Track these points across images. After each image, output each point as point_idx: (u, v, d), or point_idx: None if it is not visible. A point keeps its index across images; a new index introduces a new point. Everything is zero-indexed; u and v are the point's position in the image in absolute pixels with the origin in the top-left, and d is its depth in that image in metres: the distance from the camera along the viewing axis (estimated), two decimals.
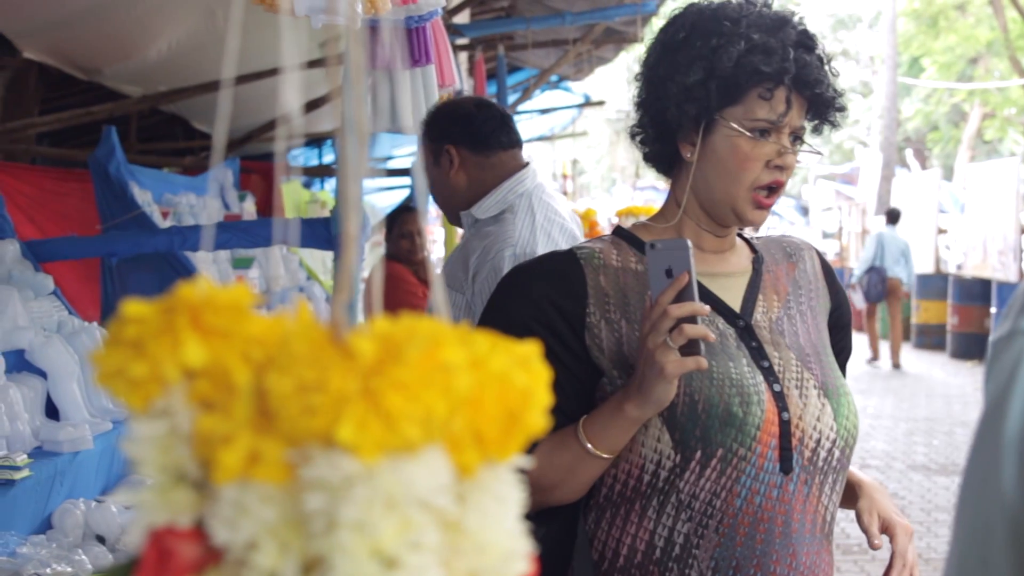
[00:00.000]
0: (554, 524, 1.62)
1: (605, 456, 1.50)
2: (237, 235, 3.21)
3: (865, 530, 1.64)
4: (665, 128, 1.62)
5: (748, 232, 1.79)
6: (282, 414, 0.41)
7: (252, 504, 0.42)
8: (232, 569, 0.44)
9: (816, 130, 1.65)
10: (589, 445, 1.49)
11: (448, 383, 0.41)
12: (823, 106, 1.59)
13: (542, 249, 2.45)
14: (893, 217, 13.51)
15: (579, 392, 1.57)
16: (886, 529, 1.63)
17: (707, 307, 1.44)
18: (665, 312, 1.40)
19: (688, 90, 1.56)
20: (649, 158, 1.70)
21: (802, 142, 1.61)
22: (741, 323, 1.60)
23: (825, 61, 1.59)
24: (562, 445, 1.51)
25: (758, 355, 1.58)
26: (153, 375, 0.42)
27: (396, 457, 0.41)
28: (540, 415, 0.47)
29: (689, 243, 1.45)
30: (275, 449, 0.41)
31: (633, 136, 1.70)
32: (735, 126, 1.54)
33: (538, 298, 1.57)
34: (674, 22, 1.62)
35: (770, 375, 1.56)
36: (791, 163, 1.57)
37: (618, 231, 1.69)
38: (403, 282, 4.98)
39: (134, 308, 0.43)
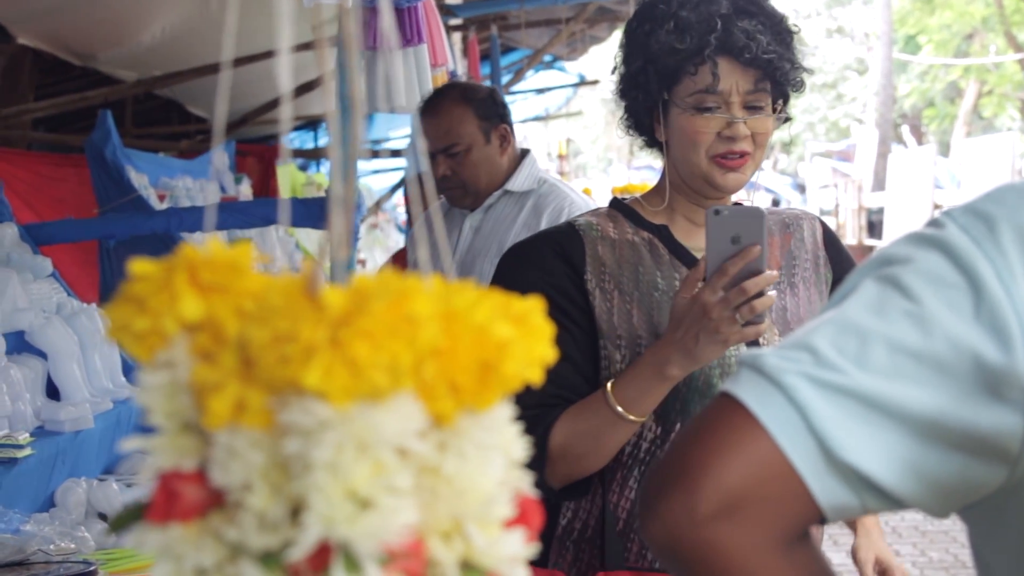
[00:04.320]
0: (584, 497, 1.62)
1: (638, 420, 1.50)
2: (233, 215, 3.25)
3: (860, 568, 1.73)
4: (632, 116, 1.67)
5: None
6: (261, 363, 0.44)
7: (242, 448, 0.45)
8: (232, 511, 0.47)
9: (795, 89, 1.63)
10: (621, 409, 1.49)
11: (414, 333, 0.44)
12: (771, 68, 1.56)
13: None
14: None
15: (592, 353, 1.58)
16: (883, 572, 1.73)
17: (776, 274, 1.45)
18: (741, 288, 1.39)
19: (633, 79, 1.60)
20: (645, 144, 1.72)
21: (762, 110, 1.58)
22: None
23: (773, 22, 1.57)
24: (589, 411, 1.52)
25: None
26: (154, 328, 0.46)
27: (367, 403, 0.44)
28: (520, 366, 0.48)
29: (764, 211, 1.44)
30: (259, 397, 0.44)
31: (626, 129, 1.72)
32: (679, 105, 1.56)
33: (548, 265, 1.60)
34: (632, 16, 1.65)
35: (754, 348, 1.58)
36: (741, 132, 1.55)
37: (615, 203, 1.71)
38: None
39: (140, 266, 0.47)
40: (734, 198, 1.70)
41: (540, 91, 10.89)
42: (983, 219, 0.83)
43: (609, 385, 1.51)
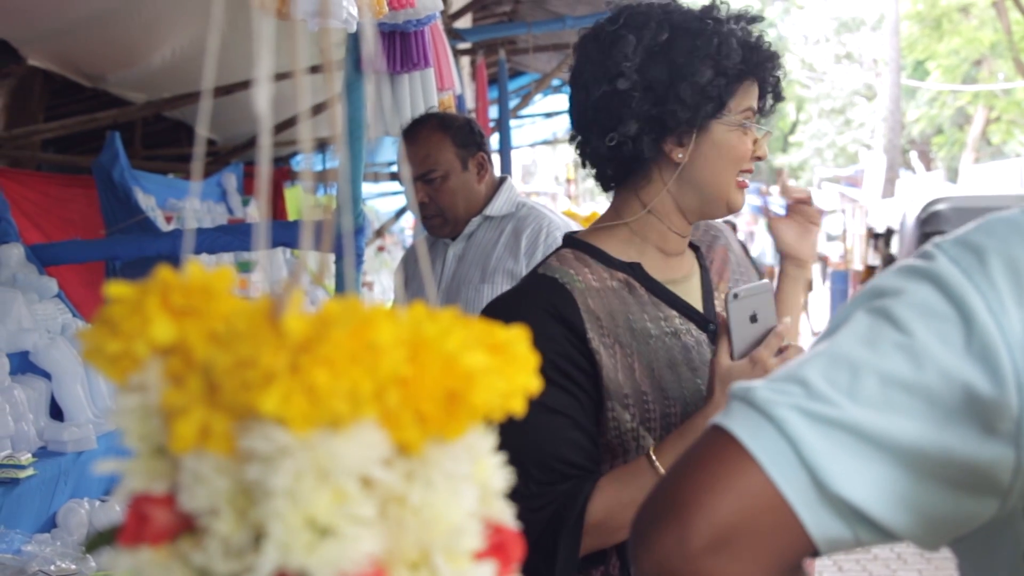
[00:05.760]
0: (600, 567, 1.55)
1: None
2: (239, 238, 3.25)
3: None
4: (654, 132, 1.53)
5: None
6: (224, 388, 0.44)
7: (207, 473, 0.45)
8: (201, 535, 0.47)
9: (776, 100, 1.66)
10: None
11: (375, 360, 0.44)
12: (778, 87, 1.63)
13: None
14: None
15: (596, 418, 1.51)
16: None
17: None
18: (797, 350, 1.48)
19: (703, 90, 1.50)
20: (608, 169, 1.61)
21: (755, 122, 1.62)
22: (711, 327, 1.60)
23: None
24: (633, 483, 1.45)
25: None
26: (126, 352, 0.46)
27: (327, 430, 0.44)
28: (492, 396, 0.48)
29: (769, 284, 1.52)
30: (223, 422, 0.45)
31: (584, 149, 1.62)
32: (733, 119, 1.55)
33: (548, 330, 1.49)
34: (645, 24, 1.53)
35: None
36: (766, 152, 1.61)
37: (573, 243, 1.62)
38: None
39: (116, 289, 0.47)
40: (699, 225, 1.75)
41: (548, 115, 10.91)
42: (973, 250, 0.83)
43: (652, 453, 1.46)
